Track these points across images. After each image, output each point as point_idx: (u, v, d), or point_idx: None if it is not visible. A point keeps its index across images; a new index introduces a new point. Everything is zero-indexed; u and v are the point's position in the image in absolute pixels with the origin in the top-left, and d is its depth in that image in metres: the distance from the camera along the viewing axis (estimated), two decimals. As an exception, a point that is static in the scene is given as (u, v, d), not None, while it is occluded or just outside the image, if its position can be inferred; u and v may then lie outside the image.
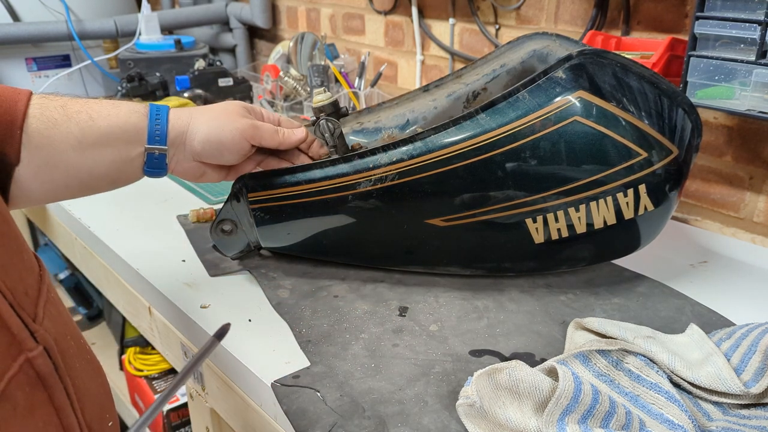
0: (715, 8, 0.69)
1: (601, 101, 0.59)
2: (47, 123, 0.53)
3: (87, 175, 0.56)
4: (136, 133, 0.57)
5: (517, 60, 0.78)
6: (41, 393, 0.37)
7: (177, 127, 0.59)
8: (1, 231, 0.38)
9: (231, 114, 0.61)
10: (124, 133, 0.56)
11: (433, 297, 0.67)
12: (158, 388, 1.04)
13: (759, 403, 0.50)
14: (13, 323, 0.35)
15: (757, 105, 0.68)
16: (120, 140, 0.56)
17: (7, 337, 0.35)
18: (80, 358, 0.43)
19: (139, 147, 0.58)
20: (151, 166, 0.59)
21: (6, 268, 0.37)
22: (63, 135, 0.53)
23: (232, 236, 0.71)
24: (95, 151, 0.55)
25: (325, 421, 0.49)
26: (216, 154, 0.61)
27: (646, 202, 0.60)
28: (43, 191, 0.55)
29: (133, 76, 1.22)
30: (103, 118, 0.55)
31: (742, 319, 0.63)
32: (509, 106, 0.60)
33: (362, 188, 0.63)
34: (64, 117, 0.54)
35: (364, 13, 1.37)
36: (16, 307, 0.36)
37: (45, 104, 0.53)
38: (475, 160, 0.60)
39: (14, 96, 0.52)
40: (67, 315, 0.44)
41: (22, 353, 0.36)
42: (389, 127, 0.82)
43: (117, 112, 0.57)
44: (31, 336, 0.37)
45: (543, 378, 0.46)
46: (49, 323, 0.39)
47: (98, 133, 0.55)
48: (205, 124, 0.60)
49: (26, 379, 0.36)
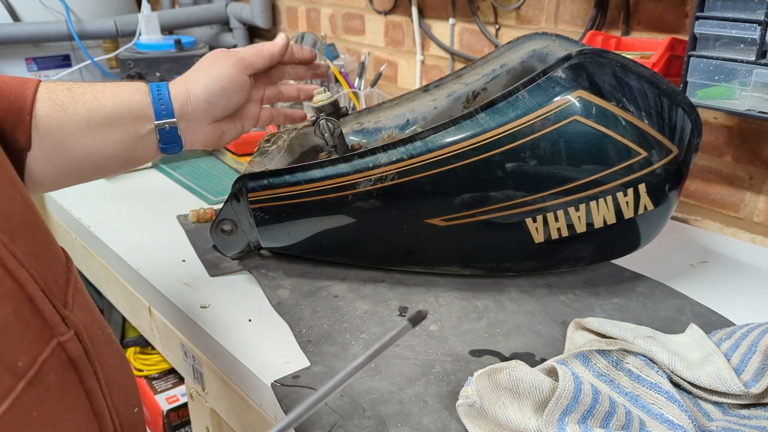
0: (715, 8, 0.69)
1: (601, 101, 0.59)
2: (54, 106, 0.54)
3: (98, 155, 0.57)
4: (141, 110, 0.58)
5: (517, 60, 0.78)
6: (72, 375, 0.38)
7: (179, 97, 0.60)
8: (30, 221, 0.39)
9: (217, 59, 0.63)
10: (130, 111, 0.57)
11: (433, 297, 0.67)
12: (158, 388, 1.04)
13: (759, 403, 0.50)
14: (46, 308, 0.37)
15: (757, 105, 0.68)
16: (126, 118, 0.57)
17: (40, 322, 0.36)
18: (107, 347, 0.44)
19: (149, 124, 0.59)
20: (165, 142, 0.60)
21: (36, 257, 0.38)
22: (70, 117, 0.54)
23: (232, 236, 0.71)
24: (103, 131, 0.56)
25: (325, 421, 0.49)
26: (224, 101, 0.62)
27: (646, 201, 0.61)
28: (56, 175, 0.56)
29: (133, 76, 1.22)
30: (108, 98, 0.57)
31: (742, 319, 0.63)
32: (509, 106, 0.60)
33: (362, 188, 0.63)
34: (71, 99, 0.55)
35: (364, 13, 1.37)
36: (48, 294, 0.37)
37: (52, 89, 0.55)
38: (475, 160, 0.60)
39: (23, 84, 0.53)
40: (93, 305, 0.45)
41: (54, 337, 0.37)
42: (389, 127, 0.82)
43: (121, 92, 0.58)
44: (62, 321, 0.38)
45: (543, 378, 0.46)
46: (78, 310, 0.41)
47: (105, 113, 0.56)
48: (202, 80, 0.61)
49: (58, 361, 0.37)
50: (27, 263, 0.36)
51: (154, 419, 1.03)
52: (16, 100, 0.52)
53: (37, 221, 0.40)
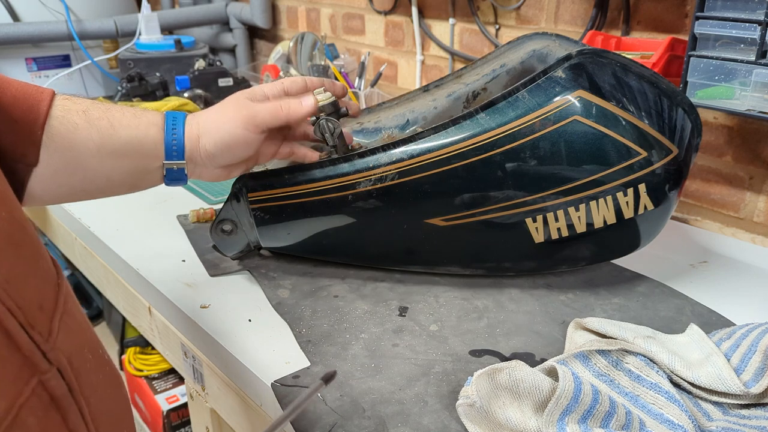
0: (715, 8, 0.69)
1: (601, 101, 0.59)
2: (69, 126, 0.52)
3: (105, 180, 0.56)
4: (154, 148, 0.57)
5: (517, 60, 0.78)
6: (55, 415, 0.36)
7: (191, 141, 0.59)
8: (17, 240, 0.36)
9: (229, 111, 0.60)
10: (142, 146, 0.56)
11: (433, 297, 0.67)
12: (158, 388, 1.04)
13: (759, 403, 0.50)
14: (24, 344, 0.34)
15: (757, 105, 0.68)
16: (138, 153, 0.57)
17: (19, 360, 0.33)
18: (98, 372, 0.41)
19: (158, 161, 0.58)
20: (171, 179, 0.60)
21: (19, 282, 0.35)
22: (83, 140, 0.53)
23: (232, 236, 0.71)
24: (114, 160, 0.55)
25: (325, 421, 0.49)
26: (229, 156, 0.61)
27: (646, 201, 0.60)
28: (59, 193, 0.55)
29: (133, 76, 1.22)
30: (124, 128, 0.55)
31: (742, 319, 0.63)
32: (509, 106, 0.60)
33: (362, 188, 0.63)
34: (86, 122, 0.53)
35: (364, 13, 1.37)
36: (28, 327, 0.34)
37: (68, 107, 0.53)
38: (475, 160, 0.60)
39: (37, 95, 0.51)
40: (86, 324, 0.43)
41: (35, 376, 0.34)
42: (389, 127, 0.82)
43: (137, 123, 0.56)
44: (43, 357, 0.35)
45: (543, 378, 0.46)
46: (64, 338, 0.38)
47: (118, 143, 0.55)
48: (213, 133, 0.59)
49: (39, 403, 0.34)
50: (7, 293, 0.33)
51: (154, 419, 1.03)
52: (28, 112, 0.50)
53: (25, 238, 0.37)
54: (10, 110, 0.49)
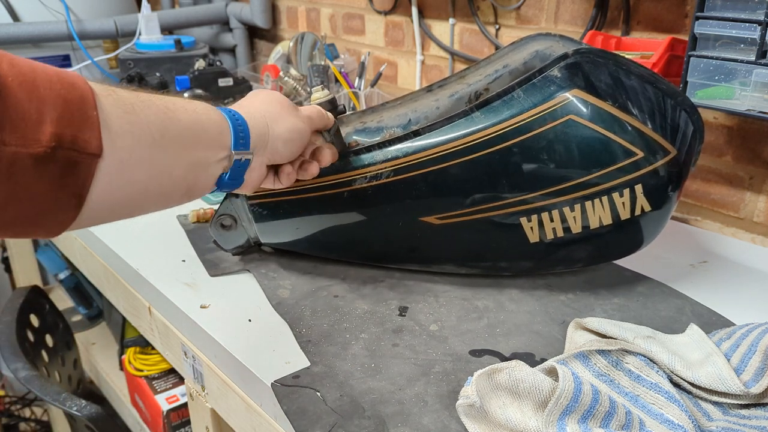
0: (715, 8, 0.69)
1: (597, 100, 0.58)
2: (123, 106, 0.41)
3: (167, 177, 0.45)
4: (219, 134, 0.48)
5: (520, 61, 0.78)
6: None
7: (258, 131, 0.52)
8: None
9: (291, 109, 0.57)
10: (206, 132, 0.47)
11: (433, 297, 0.67)
12: (158, 388, 1.04)
13: (759, 403, 0.50)
14: None
15: (757, 105, 0.68)
16: (201, 140, 0.47)
17: None
18: None
19: (221, 152, 0.49)
20: (233, 176, 0.51)
21: None
22: (143, 123, 0.42)
23: (232, 231, 0.71)
24: (176, 149, 0.45)
25: (325, 421, 0.49)
26: (293, 152, 0.57)
27: (644, 202, 0.60)
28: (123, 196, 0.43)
29: (133, 76, 1.22)
30: (182, 111, 0.46)
31: (742, 319, 0.63)
32: (504, 105, 0.60)
33: (358, 185, 0.63)
34: (139, 102, 0.43)
35: (364, 13, 1.37)
36: None
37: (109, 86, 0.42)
38: (469, 158, 0.60)
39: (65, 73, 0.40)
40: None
41: None
42: (391, 127, 0.82)
43: (194, 107, 0.47)
44: None
45: (543, 378, 0.46)
46: None
47: (180, 127, 0.45)
48: (284, 126, 0.55)
49: None
50: None
51: (154, 419, 1.03)
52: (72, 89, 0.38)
53: None
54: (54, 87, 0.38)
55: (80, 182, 0.39)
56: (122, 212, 0.45)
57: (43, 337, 1.16)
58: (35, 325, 1.15)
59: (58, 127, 0.37)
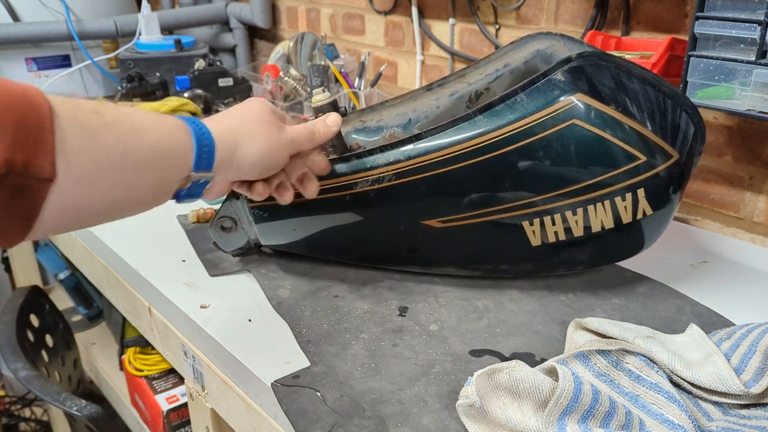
0: (715, 8, 0.69)
1: (600, 104, 0.58)
2: (83, 130, 0.41)
3: (124, 196, 0.46)
4: (183, 155, 0.48)
5: (521, 60, 0.78)
6: None
7: (224, 151, 0.51)
8: None
9: (272, 128, 0.55)
10: (170, 153, 0.47)
11: (433, 297, 0.67)
12: (158, 388, 1.04)
13: (759, 403, 0.50)
14: None
15: (757, 105, 0.68)
16: (164, 162, 0.47)
17: None
18: None
19: (183, 172, 0.49)
20: (190, 194, 0.51)
21: None
22: (104, 147, 0.42)
23: (232, 233, 0.71)
24: (137, 171, 0.45)
25: (325, 421, 0.49)
26: (261, 174, 0.56)
27: (645, 206, 0.60)
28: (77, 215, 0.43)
29: (133, 76, 1.22)
30: (148, 132, 0.45)
31: (742, 319, 0.63)
32: (507, 108, 0.60)
33: (359, 188, 0.63)
34: (102, 125, 0.42)
35: (364, 13, 1.37)
36: None
37: (72, 107, 0.41)
38: (472, 162, 0.60)
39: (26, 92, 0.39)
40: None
41: None
42: (391, 126, 0.82)
43: (161, 128, 0.47)
44: None
45: (543, 378, 0.46)
46: None
47: (143, 151, 0.45)
48: (255, 147, 0.53)
49: None
50: None
51: (154, 419, 1.03)
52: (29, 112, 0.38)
53: None
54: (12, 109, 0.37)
55: (30, 206, 0.39)
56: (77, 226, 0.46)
57: (43, 337, 1.16)
58: (35, 325, 1.15)
59: (10, 153, 0.37)
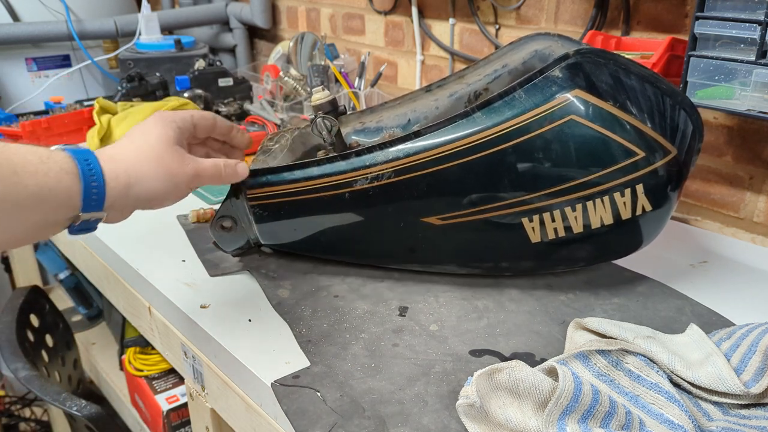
0: (715, 8, 0.69)
1: (598, 100, 0.58)
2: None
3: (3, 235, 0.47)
4: (68, 199, 0.49)
5: (519, 60, 0.78)
6: None
7: (115, 190, 0.51)
8: None
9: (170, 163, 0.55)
10: (55, 197, 0.48)
11: (433, 297, 0.67)
12: (158, 388, 1.04)
13: (759, 403, 0.50)
14: None
15: (757, 105, 0.68)
16: (48, 204, 0.48)
17: None
18: None
19: (70, 212, 0.50)
20: (82, 229, 0.52)
21: None
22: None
23: (232, 233, 0.71)
24: (17, 214, 0.46)
25: (325, 421, 0.49)
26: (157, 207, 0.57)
27: (644, 202, 0.60)
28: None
29: (133, 76, 1.22)
30: (30, 176, 0.46)
31: (742, 319, 0.63)
32: (505, 105, 0.60)
33: (359, 186, 0.63)
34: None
35: (364, 13, 1.37)
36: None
37: None
38: (471, 159, 0.60)
39: None
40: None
41: None
42: (391, 127, 0.82)
43: (46, 170, 0.47)
44: None
45: (543, 378, 0.46)
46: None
47: (24, 194, 0.46)
48: (147, 182, 0.53)
49: None
50: None
51: (154, 419, 1.03)
52: None
53: None
54: None
55: None
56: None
57: (43, 337, 1.16)
58: (35, 325, 1.15)
59: None
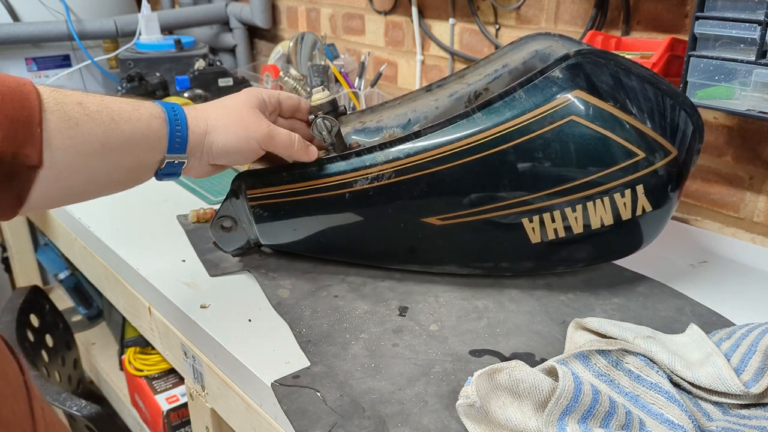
0: (715, 8, 0.69)
1: (598, 101, 0.58)
2: (68, 121, 0.48)
3: (105, 179, 0.54)
4: (157, 141, 0.55)
5: (519, 60, 0.78)
6: None
7: (196, 135, 0.58)
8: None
9: (247, 120, 0.60)
10: (146, 139, 0.54)
11: (433, 297, 0.67)
12: (158, 388, 1.04)
13: (759, 403, 0.50)
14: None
15: (757, 105, 0.68)
16: (141, 147, 0.54)
17: None
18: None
19: (159, 155, 0.56)
20: (167, 173, 0.58)
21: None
22: (85, 136, 0.49)
23: (232, 233, 0.71)
24: (116, 157, 0.52)
25: (325, 421, 0.49)
26: (231, 161, 0.62)
27: (644, 203, 0.60)
28: (60, 196, 0.51)
29: (133, 76, 1.22)
30: (125, 121, 0.52)
31: (742, 319, 0.63)
32: (506, 105, 0.60)
33: (359, 186, 0.63)
34: (85, 116, 0.49)
35: (364, 13, 1.37)
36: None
37: (60, 99, 0.48)
38: (471, 159, 0.60)
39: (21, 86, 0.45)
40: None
41: None
42: (391, 127, 0.82)
43: (138, 116, 0.53)
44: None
45: (543, 378, 0.46)
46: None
47: (121, 138, 0.52)
48: (223, 134, 0.59)
49: None
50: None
51: (154, 419, 1.03)
52: (21, 108, 0.44)
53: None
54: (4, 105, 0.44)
55: (20, 188, 0.47)
56: (62, 204, 0.53)
57: (43, 337, 1.16)
58: (35, 325, 1.15)
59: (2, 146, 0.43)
